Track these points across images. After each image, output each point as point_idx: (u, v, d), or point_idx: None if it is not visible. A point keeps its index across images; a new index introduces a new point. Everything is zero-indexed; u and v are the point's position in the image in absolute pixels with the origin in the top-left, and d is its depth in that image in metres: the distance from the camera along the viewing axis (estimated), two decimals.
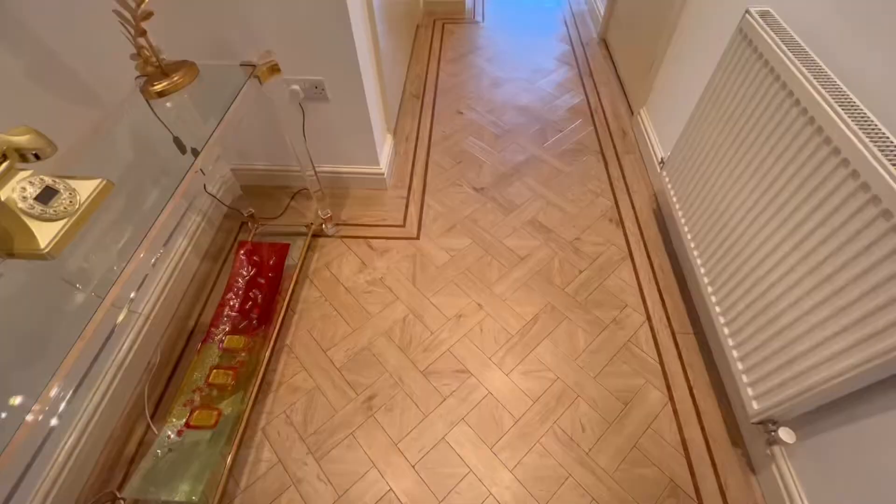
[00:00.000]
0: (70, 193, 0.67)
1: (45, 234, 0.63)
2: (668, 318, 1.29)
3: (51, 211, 0.64)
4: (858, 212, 0.70)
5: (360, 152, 1.55)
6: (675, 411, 1.13)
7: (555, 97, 2.09)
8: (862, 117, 0.73)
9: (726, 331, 1.03)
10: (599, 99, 2.07)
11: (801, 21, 0.94)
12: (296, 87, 1.32)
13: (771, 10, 1.00)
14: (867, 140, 0.69)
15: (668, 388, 1.17)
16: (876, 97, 0.76)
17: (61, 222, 0.64)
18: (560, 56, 2.36)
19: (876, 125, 0.72)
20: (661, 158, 1.54)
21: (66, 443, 0.96)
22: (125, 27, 0.85)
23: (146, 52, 0.90)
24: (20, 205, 0.63)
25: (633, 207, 1.59)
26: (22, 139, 0.63)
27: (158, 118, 0.90)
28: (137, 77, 0.97)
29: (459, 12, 2.71)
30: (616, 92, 2.10)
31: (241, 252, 1.30)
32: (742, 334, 0.97)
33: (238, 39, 1.22)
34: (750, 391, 0.95)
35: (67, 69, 0.97)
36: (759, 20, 0.96)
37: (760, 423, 0.95)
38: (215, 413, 1.06)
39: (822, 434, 0.86)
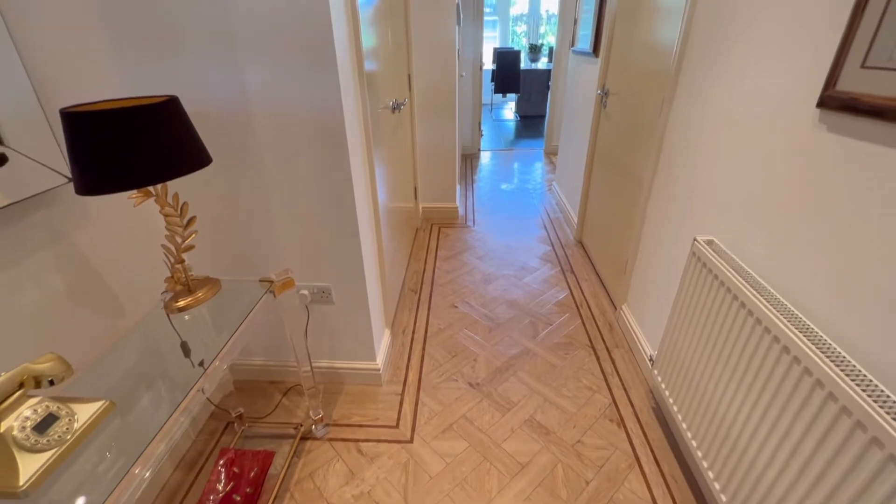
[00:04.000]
0: (69, 420, 0.67)
1: (28, 468, 0.61)
2: None
3: (44, 441, 0.64)
4: (835, 424, 0.71)
5: (357, 348, 1.60)
6: None
7: (542, 292, 2.27)
8: (807, 328, 0.82)
9: None
10: (583, 294, 2.25)
11: (740, 247, 1.12)
12: (304, 292, 1.45)
13: (714, 239, 1.20)
14: (820, 352, 0.75)
15: None
16: (808, 306, 0.86)
17: (49, 453, 0.63)
18: (543, 255, 2.65)
19: (818, 333, 0.80)
20: (651, 356, 1.59)
21: None
22: (167, 257, 0.99)
23: (179, 274, 1.02)
24: (16, 434, 0.63)
25: (632, 405, 1.56)
26: (43, 367, 0.67)
27: (177, 332, 0.97)
28: (164, 292, 1.07)
29: (453, 218, 3.16)
30: (598, 288, 2.30)
31: (221, 462, 1.21)
32: None
33: (261, 257, 1.40)
34: None
35: (104, 287, 1.08)
36: (707, 247, 1.14)
37: None
38: None
39: None
